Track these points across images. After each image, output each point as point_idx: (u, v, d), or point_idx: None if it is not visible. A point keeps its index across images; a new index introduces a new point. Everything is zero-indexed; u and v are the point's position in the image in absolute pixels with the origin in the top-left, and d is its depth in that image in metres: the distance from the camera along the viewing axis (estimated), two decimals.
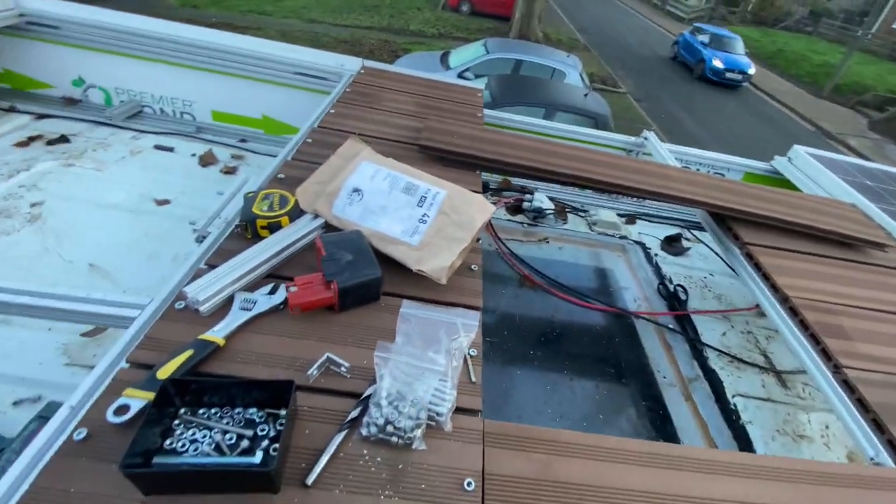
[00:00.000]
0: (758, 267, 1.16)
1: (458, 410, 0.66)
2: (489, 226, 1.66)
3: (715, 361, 1.36)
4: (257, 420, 0.58)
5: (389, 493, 0.56)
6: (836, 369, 0.91)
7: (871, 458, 0.80)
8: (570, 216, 1.87)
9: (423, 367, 0.63)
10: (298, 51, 1.76)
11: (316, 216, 0.86)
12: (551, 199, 1.88)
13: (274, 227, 0.82)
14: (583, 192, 2.02)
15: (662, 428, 1.21)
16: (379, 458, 0.59)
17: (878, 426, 0.83)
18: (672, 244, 1.82)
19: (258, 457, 0.55)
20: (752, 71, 12.61)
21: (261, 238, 0.81)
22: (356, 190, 0.86)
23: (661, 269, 1.70)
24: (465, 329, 0.74)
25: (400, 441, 0.59)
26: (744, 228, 1.26)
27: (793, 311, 1.03)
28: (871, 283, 1.18)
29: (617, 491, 0.61)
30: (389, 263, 0.82)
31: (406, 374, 0.63)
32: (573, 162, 1.26)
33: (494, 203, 1.77)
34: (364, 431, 0.60)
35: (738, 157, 1.97)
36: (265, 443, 0.56)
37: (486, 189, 1.83)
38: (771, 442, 1.16)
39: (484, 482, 0.59)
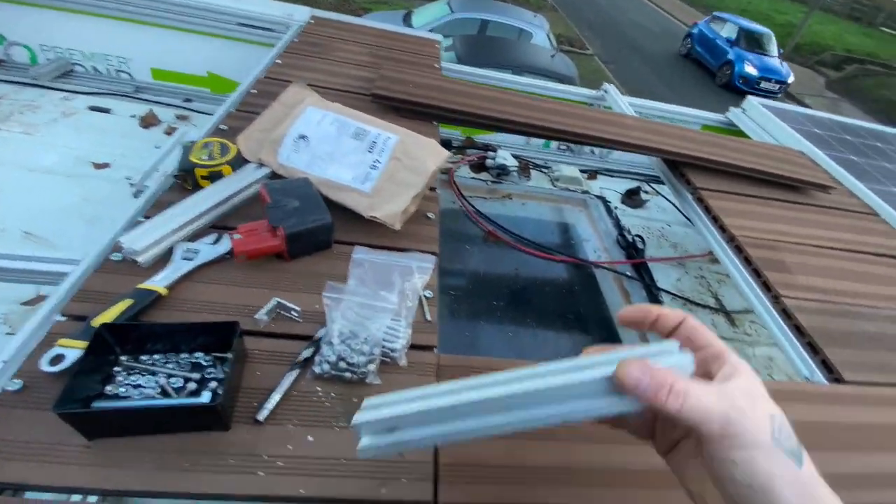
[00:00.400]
0: (708, 210, 1.20)
1: (414, 347, 0.67)
2: (453, 184, 1.65)
3: (669, 304, 1.41)
4: (204, 364, 0.57)
5: (344, 423, 0.56)
6: (776, 299, 0.96)
7: (806, 378, 0.86)
8: (533, 173, 1.87)
9: (376, 305, 0.63)
10: (243, 0, 1.65)
11: (261, 165, 0.82)
12: (515, 156, 1.87)
13: (215, 177, 0.79)
14: (546, 149, 2.02)
15: None
16: (333, 394, 0.59)
17: (812, 348, 0.89)
18: (631, 197, 1.86)
19: (206, 397, 0.54)
20: (791, 79, 9.76)
21: (202, 189, 0.77)
22: (302, 136, 0.82)
23: (620, 222, 1.73)
24: (419, 271, 0.74)
25: (354, 376, 0.60)
26: (696, 174, 1.29)
27: (738, 249, 1.08)
28: (813, 222, 1.24)
29: None
30: (341, 211, 0.81)
31: (358, 314, 0.62)
32: (532, 111, 1.25)
33: (457, 161, 1.75)
34: (317, 369, 0.59)
35: (696, 110, 2.00)
36: (213, 384, 0.55)
37: (448, 147, 1.80)
38: None
39: None
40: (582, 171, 1.96)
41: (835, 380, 0.83)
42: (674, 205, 1.85)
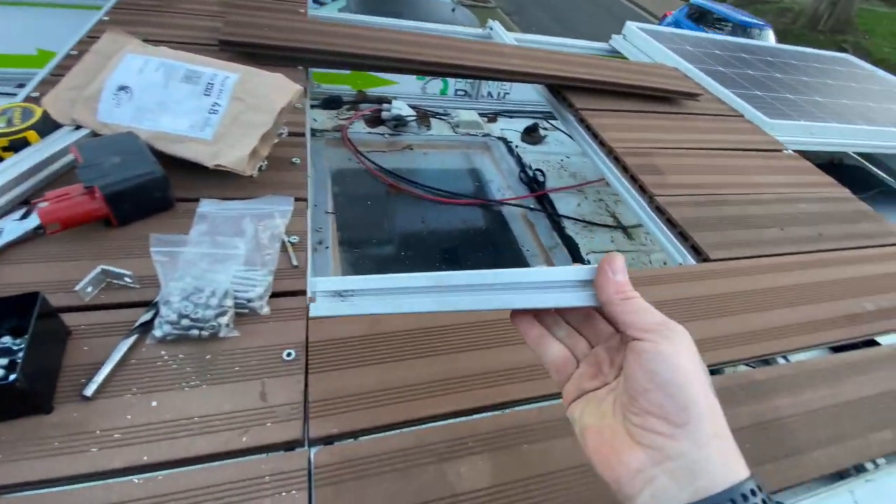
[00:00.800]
0: (589, 128, 1.23)
1: (279, 294, 0.62)
2: (347, 140, 1.57)
3: (571, 229, 1.47)
4: (14, 348, 0.49)
5: (196, 382, 0.51)
6: (650, 199, 1.01)
7: (680, 263, 0.92)
8: (433, 121, 1.83)
9: (219, 254, 0.57)
10: None
11: (78, 127, 0.71)
12: (412, 106, 1.81)
13: (19, 146, 0.67)
14: (444, 96, 1.98)
15: None
16: (181, 355, 0.53)
17: (683, 236, 0.94)
18: (530, 134, 1.89)
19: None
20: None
21: (2, 161, 0.65)
22: (122, 88, 0.71)
23: (521, 159, 1.75)
24: (280, 215, 0.68)
25: (203, 332, 0.54)
26: (576, 96, 1.31)
27: (616, 160, 1.12)
28: (682, 127, 1.31)
29: (446, 325, 0.63)
30: (185, 165, 0.72)
31: (199, 266, 0.56)
32: (409, 47, 1.19)
33: (350, 117, 1.67)
34: (157, 333, 0.53)
35: (581, 41, 2.03)
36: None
37: (339, 103, 1.71)
38: None
39: (308, 351, 0.57)
40: (481, 115, 1.95)
41: (703, 260, 0.89)
42: (565, 133, 1.90)
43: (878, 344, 0.81)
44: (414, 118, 1.76)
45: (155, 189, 0.64)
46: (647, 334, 0.30)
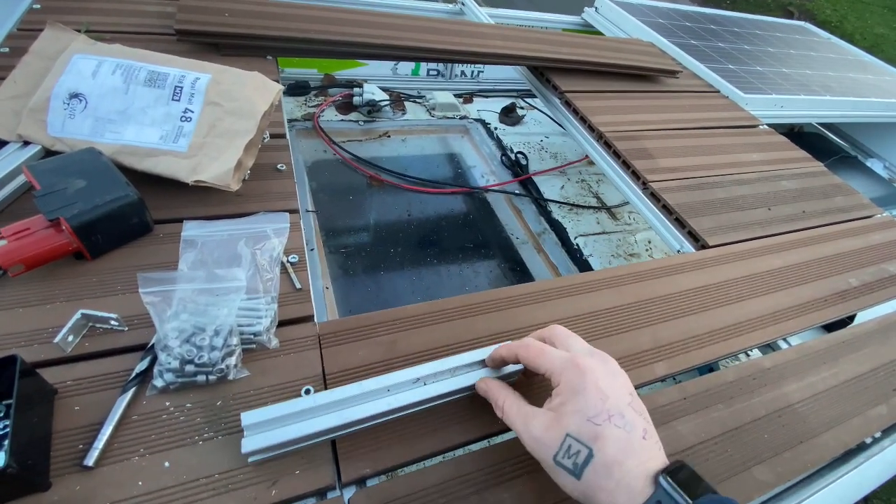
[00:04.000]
0: (576, 112, 1.20)
1: (285, 323, 0.58)
2: (319, 130, 1.48)
3: (557, 213, 1.46)
4: None
5: (210, 434, 0.47)
6: (644, 185, 1.01)
7: (678, 251, 0.93)
8: (407, 105, 1.76)
9: (219, 287, 0.51)
10: None
11: (26, 143, 0.62)
12: (384, 89, 1.72)
13: None
14: (415, 76, 1.89)
15: (522, 281, 1.30)
16: (189, 405, 0.48)
17: (679, 223, 0.95)
18: (508, 115, 1.84)
19: (1, 459, 0.40)
20: None
21: None
22: (75, 95, 0.62)
23: (502, 142, 1.72)
24: (276, 234, 0.63)
25: (210, 377, 0.49)
26: (560, 77, 1.28)
27: (607, 145, 1.11)
28: (665, 107, 1.31)
29: (462, 343, 0.61)
30: (159, 183, 0.65)
31: (198, 303, 0.50)
32: (383, 30, 1.11)
33: (319, 104, 1.57)
34: (158, 383, 0.48)
35: (555, 14, 1.98)
36: (7, 442, 0.41)
37: (305, 89, 1.60)
38: (608, 265, 1.31)
39: (326, 383, 0.53)
40: (457, 96, 1.88)
41: (701, 247, 0.90)
42: (547, 115, 1.87)
43: (863, 318, 0.85)
44: (388, 102, 1.68)
45: (131, 214, 0.57)
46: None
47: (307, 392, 0.52)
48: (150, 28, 0.95)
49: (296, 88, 1.60)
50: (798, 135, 2.24)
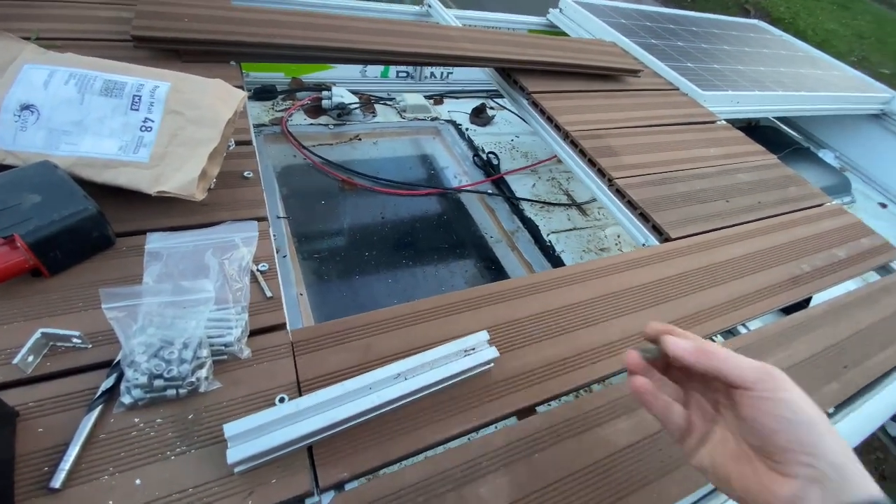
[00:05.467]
0: (543, 112, 1.23)
1: (257, 332, 0.57)
2: (288, 135, 1.46)
3: (529, 211, 1.49)
4: None
5: (182, 448, 0.46)
6: (610, 182, 1.04)
7: (643, 244, 0.96)
8: (377, 107, 1.75)
9: (186, 300, 0.51)
10: None
11: None
12: (353, 92, 1.72)
13: None
14: (385, 78, 1.89)
15: (497, 279, 1.32)
16: (159, 420, 0.48)
17: (644, 217, 0.98)
18: (479, 115, 1.86)
19: None
20: None
21: None
22: (26, 107, 0.60)
23: (473, 142, 1.74)
24: (243, 243, 0.62)
25: (180, 391, 0.49)
26: (527, 78, 1.30)
27: (574, 144, 1.14)
28: (628, 105, 1.35)
29: (438, 343, 0.61)
30: (121, 194, 0.63)
31: (164, 317, 0.50)
32: (349, 34, 1.11)
33: (288, 108, 1.55)
34: (125, 400, 0.47)
35: (521, 16, 2.01)
36: None
37: (273, 93, 1.58)
38: (580, 261, 1.35)
39: (300, 390, 0.53)
40: (427, 97, 1.89)
41: (665, 239, 0.94)
42: (516, 114, 1.90)
43: (815, 302, 0.91)
44: (357, 105, 1.67)
45: (90, 228, 0.56)
46: (755, 384, 0.35)
47: (281, 400, 0.51)
48: (104, 35, 0.92)
49: (262, 93, 1.58)
50: (755, 129, 2.35)
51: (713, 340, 0.78)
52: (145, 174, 0.61)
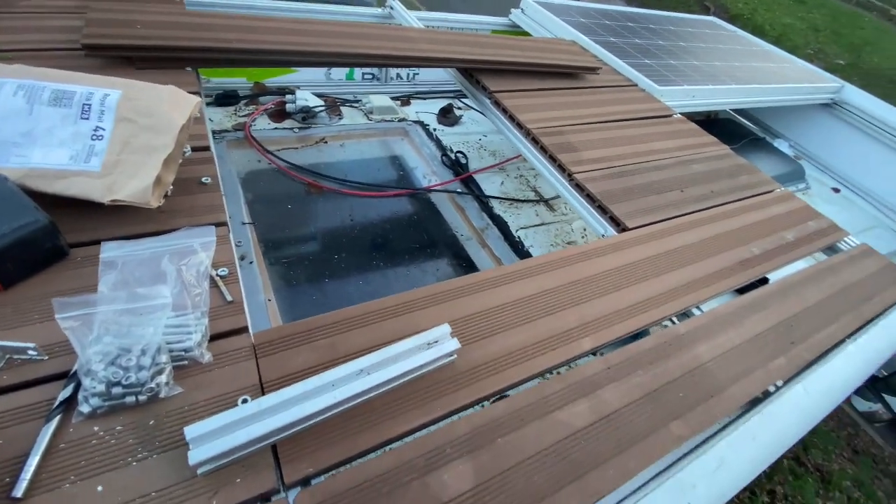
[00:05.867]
0: (505, 111, 1.26)
1: (218, 337, 0.58)
2: (251, 140, 1.45)
3: (498, 208, 1.51)
4: None
5: (144, 454, 0.46)
6: (570, 177, 1.08)
7: (602, 235, 1.00)
8: (343, 110, 1.75)
9: (144, 306, 0.51)
10: None
11: None
12: (318, 95, 1.71)
13: None
14: (350, 81, 1.89)
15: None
16: (119, 427, 0.48)
17: (602, 209, 1.02)
18: (446, 116, 1.88)
19: None
20: None
21: None
22: None
23: (441, 142, 1.75)
24: (202, 248, 0.62)
25: (140, 398, 0.49)
26: (489, 78, 1.33)
27: (535, 141, 1.17)
28: (588, 102, 1.39)
29: (404, 338, 0.63)
30: (74, 205, 0.62)
31: (121, 325, 0.50)
32: (310, 38, 1.11)
33: (251, 113, 1.54)
34: (84, 409, 0.47)
35: (483, 16, 2.04)
36: None
37: (235, 98, 1.56)
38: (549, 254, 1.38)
39: (263, 391, 0.54)
40: (394, 99, 1.90)
41: (622, 230, 0.97)
42: (482, 113, 1.92)
43: (766, 281, 0.96)
44: (323, 108, 1.67)
45: (42, 240, 0.55)
46: None
47: (244, 401, 0.52)
48: (55, 44, 0.90)
49: (224, 98, 1.56)
50: (713, 121, 2.44)
51: (671, 323, 0.81)
52: (97, 183, 0.61)
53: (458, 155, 1.69)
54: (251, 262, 1.13)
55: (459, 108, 1.97)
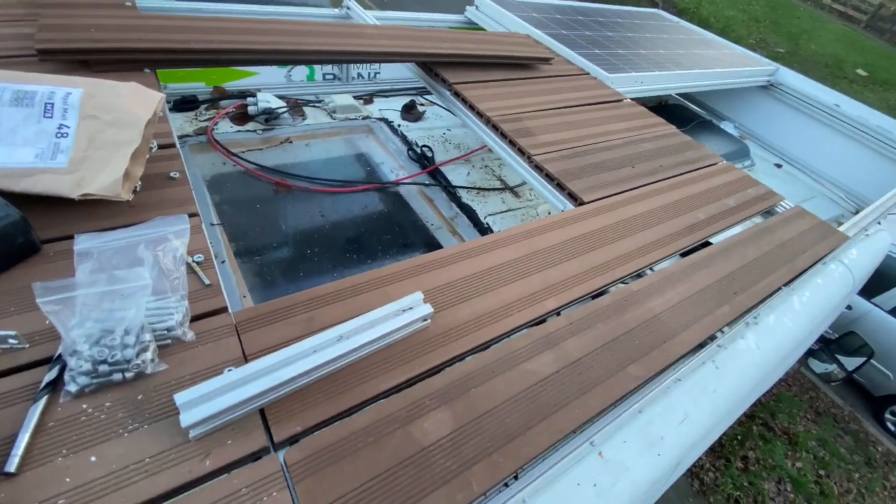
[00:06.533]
0: (465, 101, 1.31)
1: (200, 317, 0.60)
2: (214, 143, 1.45)
3: (466, 197, 1.56)
4: None
5: (135, 426, 0.49)
6: (529, 159, 1.14)
7: (562, 210, 1.06)
8: (306, 110, 1.77)
9: (123, 289, 0.53)
10: None
11: None
12: (280, 96, 1.72)
13: None
14: (311, 82, 1.91)
15: None
16: (108, 403, 0.50)
17: (560, 187, 1.09)
18: (410, 112, 1.92)
19: None
20: None
21: None
22: None
23: (406, 137, 1.79)
24: (175, 236, 0.64)
25: (126, 374, 0.51)
26: (448, 71, 1.38)
27: (494, 128, 1.22)
28: (543, 90, 1.47)
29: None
30: (44, 202, 0.63)
31: (102, 309, 0.52)
32: (268, 36, 1.14)
33: (213, 117, 1.54)
34: (72, 388, 0.49)
35: (440, 14, 2.10)
36: None
37: (195, 103, 1.56)
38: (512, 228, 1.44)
39: (247, 363, 0.57)
40: (356, 98, 1.93)
41: (579, 204, 1.04)
42: (442, 107, 1.98)
43: (710, 244, 1.04)
44: (285, 109, 1.68)
45: (14, 235, 0.56)
46: None
47: (229, 371, 0.55)
48: (7, 51, 0.90)
49: (183, 103, 1.55)
50: (664, 107, 2.58)
51: (624, 283, 0.88)
52: (66, 179, 0.62)
53: (424, 149, 1.73)
54: (223, 262, 1.14)
55: (422, 105, 2.01)
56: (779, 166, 2.53)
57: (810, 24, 11.11)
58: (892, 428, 3.38)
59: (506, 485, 0.55)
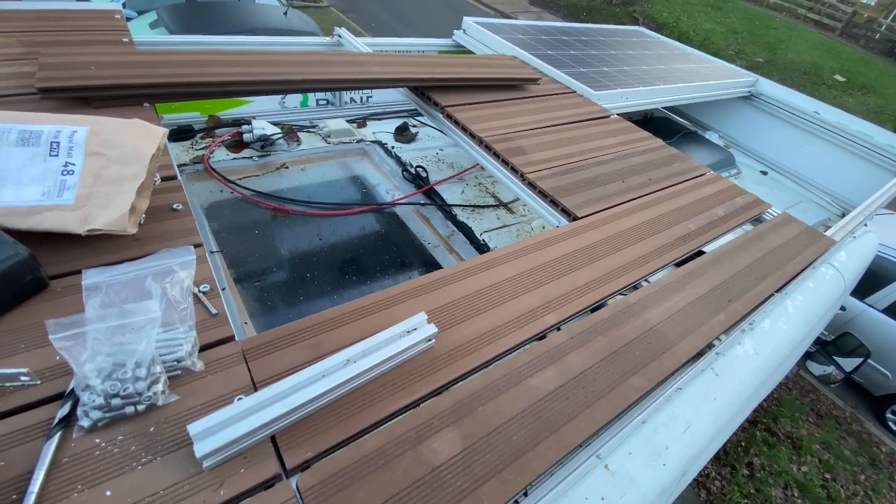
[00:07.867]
0: (457, 123, 1.35)
1: (208, 346, 0.61)
2: (211, 171, 1.47)
3: (462, 215, 1.59)
4: None
5: (148, 458, 0.49)
6: (522, 177, 1.17)
7: (556, 225, 1.09)
8: (301, 136, 1.80)
9: (133, 322, 0.54)
10: None
11: None
12: (274, 123, 1.75)
13: None
14: (305, 108, 1.95)
15: None
16: (120, 437, 0.50)
17: (554, 203, 1.11)
18: (402, 133, 1.96)
19: None
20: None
21: None
22: None
23: (401, 159, 1.83)
24: (181, 267, 0.65)
25: (139, 407, 0.51)
26: (439, 94, 1.42)
27: (487, 148, 1.26)
28: (532, 109, 1.51)
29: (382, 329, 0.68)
30: (50, 238, 0.64)
31: (113, 343, 0.52)
32: (265, 67, 1.17)
33: (209, 146, 1.56)
34: (85, 423, 0.49)
35: (429, 38, 2.16)
36: None
37: (191, 133, 1.58)
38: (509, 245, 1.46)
39: (256, 390, 0.57)
40: (350, 122, 1.96)
41: (573, 219, 1.06)
42: (434, 128, 2.02)
43: (704, 252, 1.07)
44: (280, 135, 1.71)
45: (23, 273, 0.57)
46: None
47: (239, 400, 0.55)
48: (8, 91, 0.92)
49: (180, 133, 1.58)
50: (650, 120, 2.64)
51: (622, 295, 0.90)
52: (72, 216, 0.63)
53: (419, 169, 1.76)
54: (224, 289, 1.15)
55: (415, 126, 2.05)
56: (764, 173, 2.59)
57: (787, 33, 11.47)
58: (895, 427, 3.38)
59: (516, 502, 0.56)
